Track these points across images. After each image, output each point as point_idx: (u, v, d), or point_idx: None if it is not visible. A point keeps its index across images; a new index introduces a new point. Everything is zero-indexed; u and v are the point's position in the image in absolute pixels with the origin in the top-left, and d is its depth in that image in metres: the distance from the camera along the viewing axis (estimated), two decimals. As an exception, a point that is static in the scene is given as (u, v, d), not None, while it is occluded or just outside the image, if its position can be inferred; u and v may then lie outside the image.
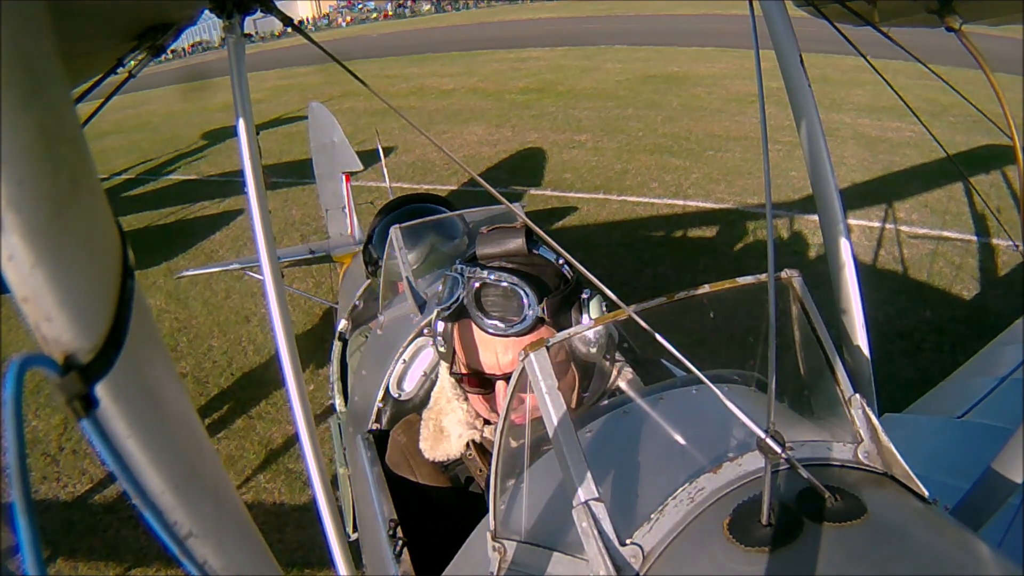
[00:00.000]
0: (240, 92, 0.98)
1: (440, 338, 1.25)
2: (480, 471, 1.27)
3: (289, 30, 1.15)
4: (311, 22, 49.19)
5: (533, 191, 7.21)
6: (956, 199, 6.02)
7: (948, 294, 4.63)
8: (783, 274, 0.90)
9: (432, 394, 1.37)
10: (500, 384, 1.18)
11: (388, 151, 7.47)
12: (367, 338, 2.41)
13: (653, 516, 0.76)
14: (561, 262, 1.20)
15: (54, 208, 0.35)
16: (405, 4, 47.55)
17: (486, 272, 1.15)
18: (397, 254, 1.91)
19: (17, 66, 0.33)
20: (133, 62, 1.10)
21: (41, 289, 0.35)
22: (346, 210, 4.05)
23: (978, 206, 5.75)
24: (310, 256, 4.01)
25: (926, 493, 0.81)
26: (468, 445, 1.27)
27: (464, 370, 1.22)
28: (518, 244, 1.18)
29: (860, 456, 0.85)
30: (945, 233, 5.47)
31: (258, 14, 1.10)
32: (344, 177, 3.99)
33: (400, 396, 1.68)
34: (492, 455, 0.90)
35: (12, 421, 0.33)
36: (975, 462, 1.14)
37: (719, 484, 0.78)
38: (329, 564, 1.04)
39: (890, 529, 0.71)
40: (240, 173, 0.97)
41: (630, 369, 1.30)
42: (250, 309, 5.26)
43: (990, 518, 1.07)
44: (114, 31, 0.95)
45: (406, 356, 1.70)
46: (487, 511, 0.90)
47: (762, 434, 0.72)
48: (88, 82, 1.13)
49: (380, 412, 1.70)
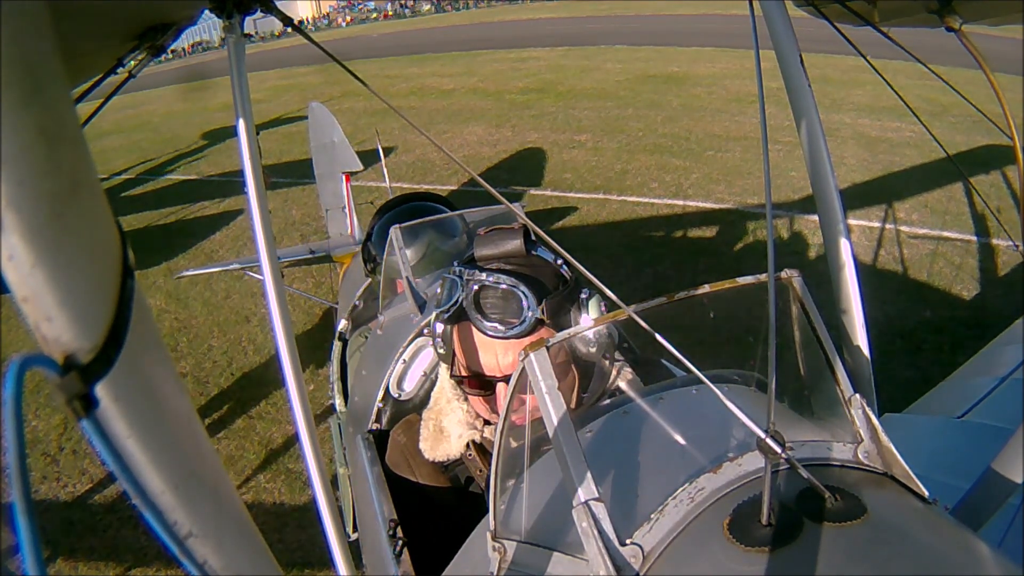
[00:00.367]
0: (240, 92, 0.98)
1: (439, 340, 1.24)
2: (480, 471, 1.27)
3: (289, 30, 1.15)
4: (311, 22, 49.19)
5: (533, 191, 7.21)
6: (956, 199, 6.02)
7: (948, 294, 4.63)
8: (783, 274, 0.90)
9: (432, 394, 1.37)
10: (500, 386, 1.17)
11: (388, 151, 7.47)
12: (367, 338, 2.41)
13: (653, 516, 0.76)
14: (560, 262, 1.20)
15: (54, 208, 0.35)
16: (406, 4, 47.56)
17: (484, 274, 1.14)
18: (397, 254, 1.91)
19: (17, 66, 0.33)
20: (133, 62, 1.11)
21: (41, 289, 0.35)
22: (346, 210, 4.05)
23: (978, 206, 5.75)
24: (310, 256, 4.01)
25: (926, 493, 0.81)
26: (468, 445, 1.27)
27: (464, 372, 1.22)
28: (516, 245, 1.17)
29: (860, 456, 0.85)
30: (945, 233, 5.47)
31: (258, 14, 1.10)
32: (344, 177, 3.99)
33: (400, 396, 1.68)
34: (492, 455, 0.90)
35: (12, 421, 0.33)
36: (975, 462, 1.14)
37: (719, 484, 0.78)
38: (329, 564, 1.04)
39: (890, 529, 0.71)
40: (240, 173, 0.97)
41: (630, 369, 1.30)
42: (250, 309, 5.26)
43: (990, 518, 1.07)
44: (114, 31, 0.95)
45: (406, 356, 1.70)
46: (487, 511, 0.90)
47: (762, 434, 0.72)
48: (88, 82, 1.13)
49: (380, 412, 1.70)
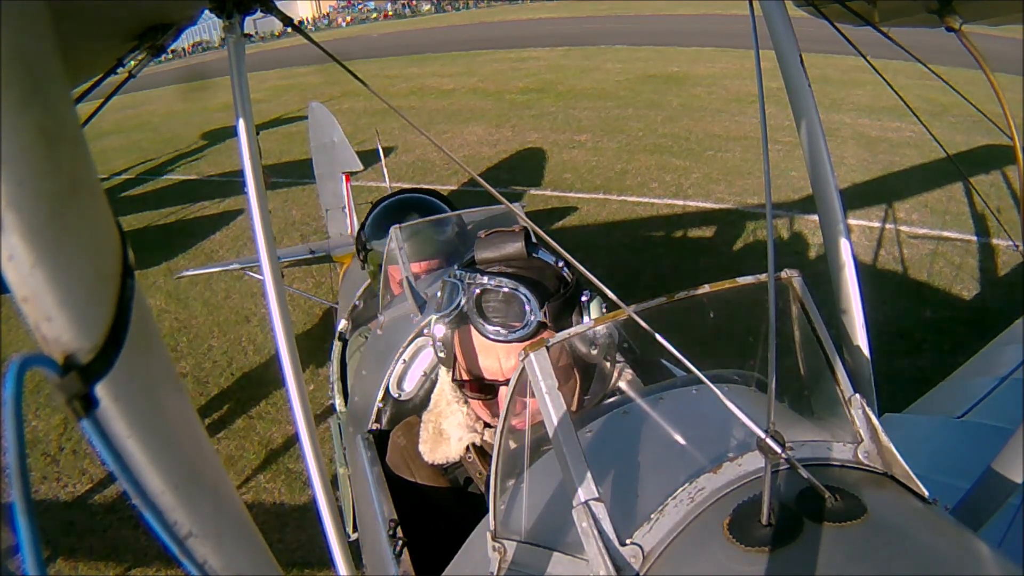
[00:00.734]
0: (240, 92, 0.98)
1: (440, 344, 1.24)
2: (480, 474, 1.27)
3: (289, 30, 1.15)
4: (311, 22, 49.19)
5: (533, 191, 7.21)
6: (956, 199, 6.02)
7: (948, 294, 4.63)
8: (783, 274, 0.90)
9: (432, 396, 1.37)
10: (503, 390, 1.17)
11: (388, 151, 7.47)
12: (366, 339, 2.40)
13: (653, 516, 0.76)
14: (561, 264, 1.19)
15: (54, 208, 0.35)
16: (408, 4, 47.53)
17: (486, 278, 1.13)
18: (397, 254, 1.90)
19: (17, 66, 0.33)
20: (133, 62, 1.10)
21: (41, 289, 0.35)
22: (346, 210, 4.05)
23: (978, 206, 5.75)
24: (310, 256, 4.01)
25: (926, 493, 0.81)
26: (468, 448, 1.27)
27: (465, 376, 1.21)
28: (517, 248, 1.16)
29: (860, 456, 0.85)
30: (945, 233, 5.47)
31: (258, 14, 1.10)
32: (344, 177, 3.99)
33: (400, 396, 1.68)
34: (492, 457, 0.90)
35: (12, 421, 0.33)
36: (975, 462, 1.14)
37: (719, 484, 0.78)
38: (329, 564, 1.04)
39: (890, 529, 0.71)
40: (240, 173, 0.97)
41: (630, 370, 1.30)
42: (250, 309, 5.26)
43: (990, 518, 1.07)
44: (114, 31, 0.95)
45: (406, 356, 1.70)
46: (487, 511, 0.90)
47: (762, 434, 0.72)
48: (88, 82, 1.13)
49: (380, 412, 1.70)
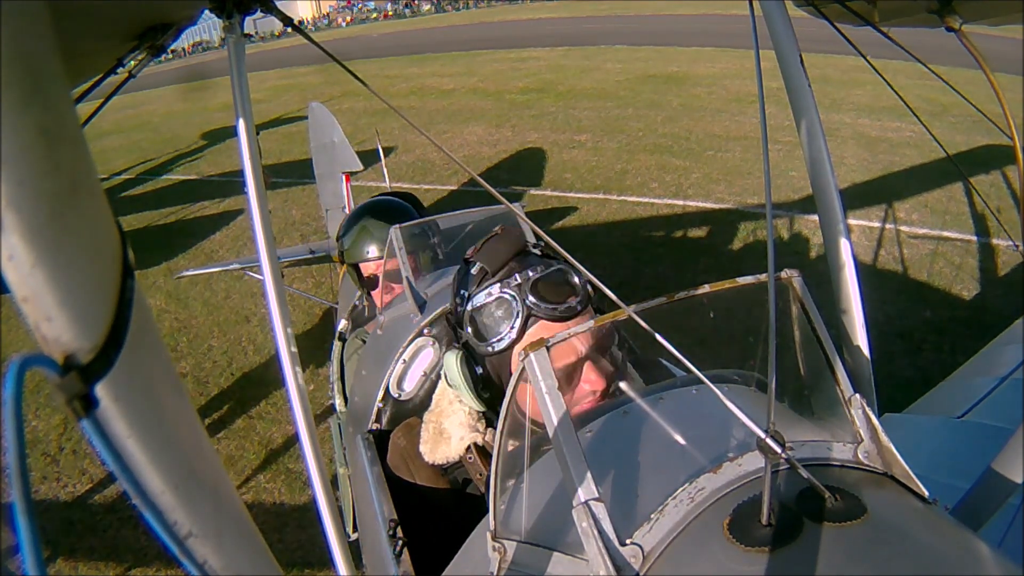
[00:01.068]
0: (240, 92, 0.98)
1: (480, 382, 1.20)
2: (480, 474, 1.27)
3: (289, 30, 1.15)
4: (311, 22, 49.20)
5: (533, 191, 7.21)
6: (956, 199, 6.02)
7: (948, 294, 4.63)
8: (783, 274, 0.90)
9: (433, 397, 1.37)
10: (587, 365, 1.14)
11: (388, 151, 7.47)
12: (363, 342, 2.41)
13: (653, 516, 0.76)
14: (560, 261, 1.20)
15: (54, 208, 0.35)
16: (410, 4, 47.50)
17: (528, 271, 1.14)
18: (397, 254, 1.90)
19: (17, 66, 0.33)
20: (133, 62, 1.11)
21: (41, 289, 0.35)
22: (346, 210, 4.05)
23: (978, 206, 5.75)
24: (310, 256, 4.01)
25: (926, 493, 0.81)
26: (469, 448, 1.27)
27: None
28: (522, 239, 1.18)
29: (860, 456, 0.85)
30: (945, 233, 5.47)
31: (258, 14, 1.10)
32: (344, 177, 3.99)
33: (400, 396, 1.68)
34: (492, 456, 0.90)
35: (12, 421, 0.33)
36: (975, 462, 1.14)
37: (719, 484, 0.78)
38: (329, 564, 1.04)
39: (890, 529, 0.71)
40: (240, 173, 0.97)
41: (632, 369, 1.30)
42: (250, 309, 5.26)
43: (990, 518, 1.07)
44: (114, 31, 0.95)
45: (406, 356, 1.70)
46: (487, 511, 0.90)
47: (762, 434, 0.72)
48: (88, 82, 1.13)
49: (380, 412, 1.70)
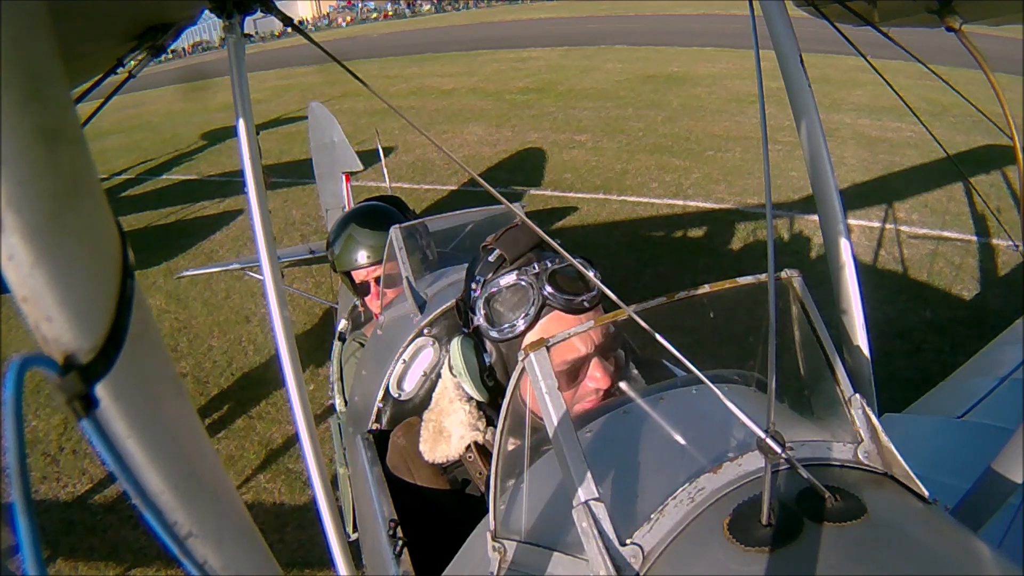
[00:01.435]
0: (240, 92, 0.98)
1: (487, 371, 1.21)
2: (480, 474, 1.27)
3: (289, 30, 1.15)
4: (311, 22, 49.21)
5: (533, 191, 7.21)
6: (956, 199, 6.02)
7: (948, 294, 4.63)
8: (783, 274, 0.90)
9: (433, 396, 1.37)
10: (595, 361, 1.15)
11: (388, 151, 7.47)
12: (361, 344, 2.41)
13: (653, 516, 0.76)
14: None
15: (54, 208, 0.35)
16: (411, 4, 47.44)
17: (547, 262, 1.15)
18: (397, 254, 1.90)
19: (17, 66, 0.33)
20: (133, 62, 1.11)
21: (41, 289, 0.35)
22: (346, 210, 4.05)
23: (978, 206, 5.75)
24: (310, 256, 4.01)
25: (926, 493, 0.81)
26: (469, 447, 1.27)
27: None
28: (533, 235, 1.18)
29: (860, 456, 0.85)
30: (945, 233, 5.47)
31: (258, 14, 1.10)
32: (344, 177, 3.99)
33: (400, 396, 1.68)
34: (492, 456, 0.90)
35: (12, 421, 0.33)
36: (975, 462, 1.14)
37: (719, 484, 0.78)
38: (329, 564, 1.04)
39: (890, 529, 0.71)
40: (240, 173, 0.97)
41: (633, 369, 1.30)
42: (250, 309, 5.26)
43: (990, 518, 1.07)
44: (114, 31, 0.95)
45: (406, 356, 1.70)
46: (487, 511, 0.90)
47: (762, 434, 0.72)
48: (88, 82, 1.13)
49: (380, 412, 1.70)
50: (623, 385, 1.25)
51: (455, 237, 2.36)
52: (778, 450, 0.71)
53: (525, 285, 1.15)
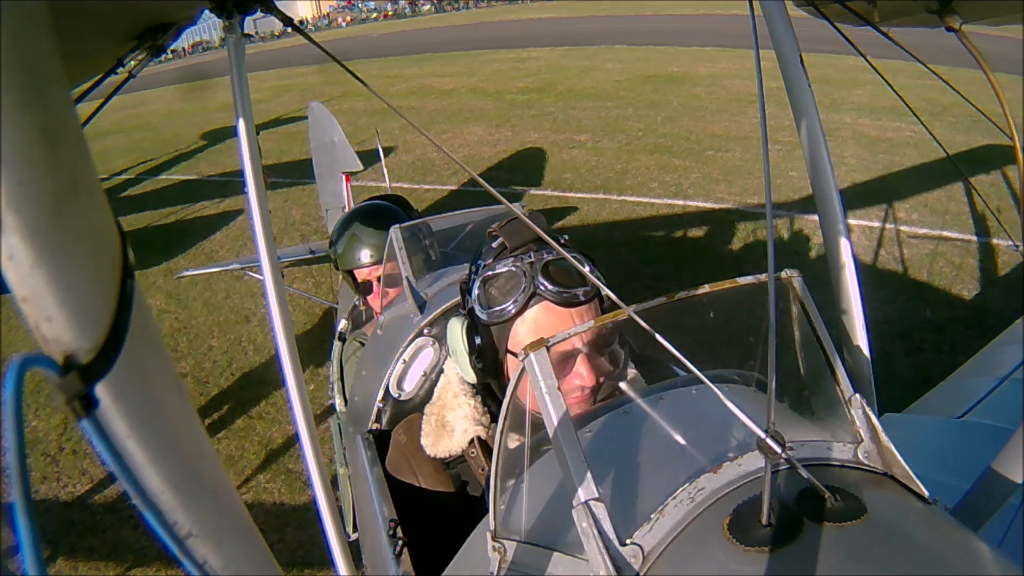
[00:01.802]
0: (240, 92, 0.98)
1: (476, 353, 1.21)
2: (482, 469, 1.27)
3: (289, 30, 1.15)
4: (311, 22, 49.22)
5: (533, 191, 7.21)
6: (956, 199, 6.02)
7: (948, 294, 4.63)
8: (783, 274, 0.90)
9: (436, 390, 1.37)
10: (581, 357, 1.14)
11: (388, 151, 7.46)
12: (361, 344, 2.41)
13: (653, 516, 0.76)
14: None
15: (54, 208, 0.35)
16: (414, 4, 47.37)
17: (545, 253, 1.16)
18: (397, 254, 1.90)
19: (17, 66, 0.33)
20: (133, 62, 1.11)
21: (41, 289, 0.35)
22: (346, 210, 4.05)
23: (978, 206, 5.75)
24: (310, 256, 4.01)
25: (926, 493, 0.81)
26: (472, 442, 1.27)
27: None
28: (545, 227, 1.18)
29: (860, 456, 0.85)
30: (945, 233, 5.47)
31: (258, 14, 1.10)
32: (344, 177, 3.99)
33: (400, 396, 1.68)
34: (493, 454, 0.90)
35: (12, 421, 0.33)
36: (975, 462, 1.14)
37: (719, 484, 0.78)
38: (329, 564, 1.04)
39: (890, 529, 0.71)
40: (240, 173, 0.97)
41: (633, 369, 1.30)
42: (250, 309, 5.26)
43: (990, 518, 1.07)
44: (114, 31, 0.95)
45: (406, 356, 1.70)
46: (487, 511, 0.90)
47: (762, 434, 0.72)
48: (88, 82, 1.13)
49: (380, 412, 1.70)
50: (623, 385, 1.25)
51: (455, 237, 2.36)
52: (778, 450, 0.71)
53: (518, 272, 1.16)
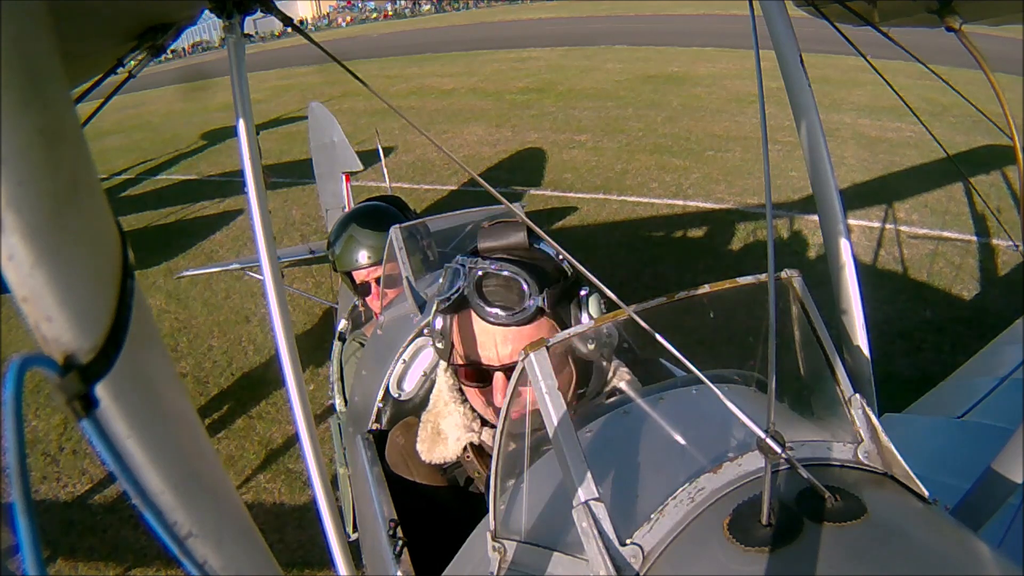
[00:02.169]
0: (240, 92, 0.98)
1: (438, 334, 1.25)
2: (478, 473, 1.27)
3: (289, 30, 1.15)
4: (311, 22, 49.22)
5: (533, 191, 7.22)
6: (956, 199, 6.02)
7: (948, 294, 4.63)
8: (783, 274, 0.90)
9: (431, 397, 1.37)
10: (498, 376, 1.18)
11: (388, 151, 7.46)
12: (361, 344, 2.41)
13: (653, 516, 0.76)
14: (561, 258, 1.21)
15: (54, 208, 0.35)
16: (416, 3, 47.31)
17: (488, 262, 1.17)
18: (397, 254, 1.90)
19: (17, 66, 0.33)
20: (133, 62, 1.11)
21: (41, 289, 0.35)
22: (346, 210, 4.05)
23: (978, 206, 5.75)
24: (310, 256, 4.01)
25: (926, 493, 0.81)
26: (466, 448, 1.28)
27: (461, 362, 1.22)
28: (520, 238, 1.20)
29: (860, 456, 0.85)
30: (945, 233, 5.47)
31: (258, 14, 1.10)
32: (344, 177, 3.99)
33: (400, 396, 1.68)
34: (491, 456, 0.90)
35: (12, 421, 0.33)
36: (975, 462, 1.14)
37: (719, 484, 0.78)
38: (329, 564, 1.04)
39: (890, 529, 0.71)
40: (240, 173, 0.97)
41: (626, 369, 1.30)
42: (250, 309, 5.26)
43: (990, 518, 1.07)
44: (114, 31, 0.95)
45: (406, 356, 1.71)
46: (487, 511, 0.90)
47: (762, 434, 0.72)
48: (88, 82, 1.13)
49: (380, 412, 1.70)
50: (623, 385, 1.26)
51: (455, 237, 2.36)
52: (778, 450, 0.71)
53: (461, 276, 1.19)
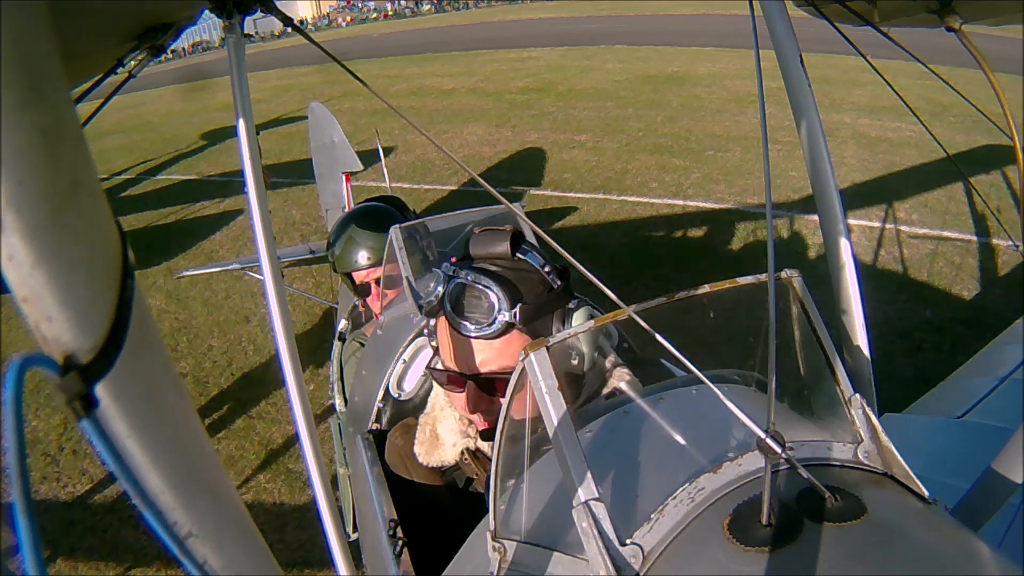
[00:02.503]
0: (240, 92, 0.98)
1: (432, 334, 1.26)
2: (478, 475, 1.27)
3: (289, 30, 1.15)
4: (311, 22, 49.23)
5: (533, 191, 7.21)
6: (956, 199, 6.02)
7: (948, 294, 4.63)
8: (783, 274, 0.90)
9: (428, 399, 1.38)
10: (470, 385, 1.16)
11: (388, 151, 7.46)
12: (361, 344, 2.41)
13: (653, 516, 0.76)
14: (548, 270, 1.18)
15: (54, 208, 0.35)
16: (415, 4, 47.28)
17: (464, 272, 1.15)
18: (397, 254, 1.90)
19: (17, 66, 0.33)
20: (133, 62, 1.11)
21: (41, 289, 0.35)
22: (346, 210, 4.05)
23: (978, 206, 5.75)
24: (310, 256, 4.02)
25: (926, 493, 0.81)
26: (463, 454, 1.28)
27: (442, 366, 1.23)
28: (503, 248, 1.16)
29: (860, 456, 0.85)
30: (945, 233, 5.47)
31: (258, 14, 1.10)
32: (344, 177, 3.99)
33: (400, 396, 1.68)
34: (490, 458, 0.90)
35: (12, 421, 0.33)
36: (975, 462, 1.14)
37: (719, 484, 0.78)
38: (329, 564, 1.04)
39: (890, 529, 0.71)
40: (240, 173, 0.97)
41: (627, 370, 1.29)
42: (250, 309, 5.26)
43: (990, 518, 1.07)
44: (114, 31, 0.95)
45: (406, 356, 1.71)
46: (487, 511, 0.90)
47: (762, 434, 0.72)
48: (88, 82, 1.13)
49: (380, 412, 1.70)
50: (623, 385, 1.26)
51: (455, 237, 2.36)
52: (778, 450, 0.71)
53: (441, 282, 1.18)
